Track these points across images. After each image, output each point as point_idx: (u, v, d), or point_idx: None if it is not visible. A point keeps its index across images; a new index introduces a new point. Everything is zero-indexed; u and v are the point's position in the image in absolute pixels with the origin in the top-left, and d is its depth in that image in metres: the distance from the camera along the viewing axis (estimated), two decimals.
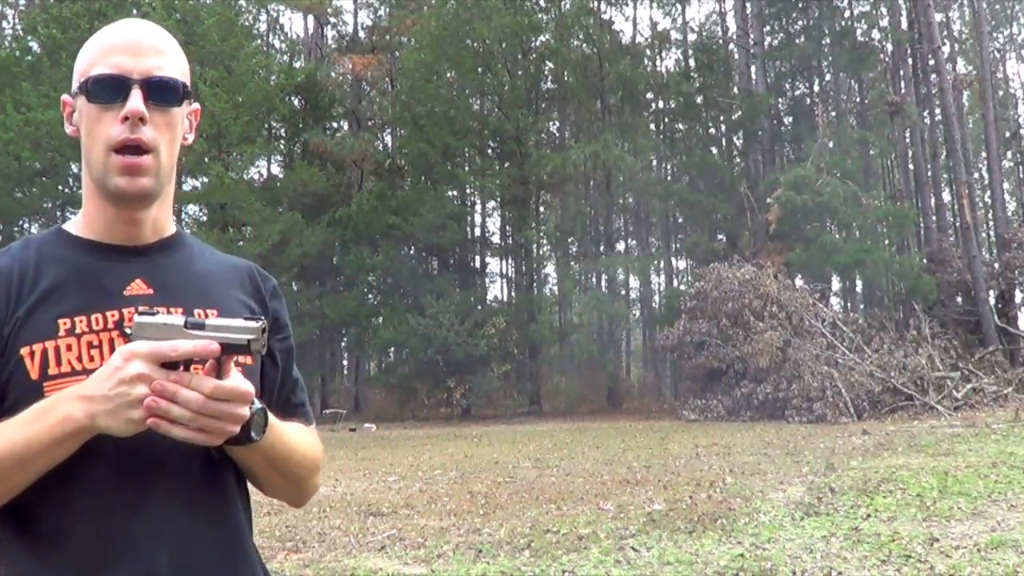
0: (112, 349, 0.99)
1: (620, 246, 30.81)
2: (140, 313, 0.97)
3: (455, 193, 29.25)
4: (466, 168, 28.82)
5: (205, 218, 25.84)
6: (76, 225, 1.13)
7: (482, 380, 23.45)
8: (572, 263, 29.09)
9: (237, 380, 0.95)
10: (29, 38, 24.85)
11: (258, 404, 1.00)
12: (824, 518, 6.20)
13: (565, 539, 5.85)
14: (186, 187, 26.58)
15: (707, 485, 8.04)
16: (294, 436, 1.13)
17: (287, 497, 1.21)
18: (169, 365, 0.92)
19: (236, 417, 0.94)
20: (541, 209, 30.57)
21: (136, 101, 1.02)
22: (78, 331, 1.02)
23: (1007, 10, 35.67)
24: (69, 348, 1.01)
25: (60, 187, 24.55)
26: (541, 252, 29.37)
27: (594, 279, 28.85)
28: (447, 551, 5.63)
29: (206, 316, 1.07)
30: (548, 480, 9.03)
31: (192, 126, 1.15)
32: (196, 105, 1.15)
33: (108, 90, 1.04)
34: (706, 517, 6.39)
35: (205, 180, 24.15)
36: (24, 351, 1.00)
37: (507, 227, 31.41)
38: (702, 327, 19.16)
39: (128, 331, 0.97)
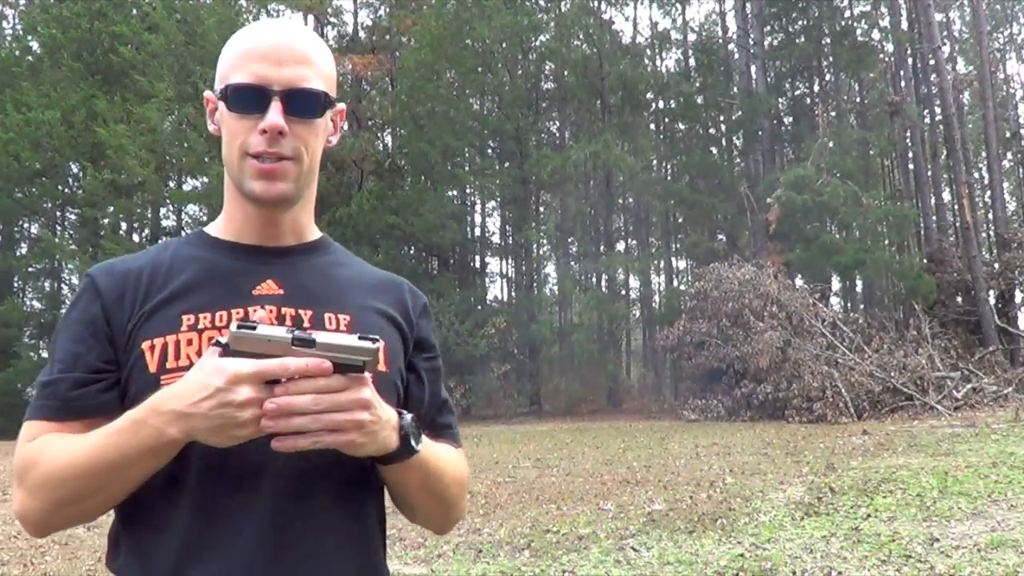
0: None
1: (620, 246, 30.78)
2: (239, 325, 0.87)
3: (455, 193, 29.22)
4: (466, 168, 28.80)
5: (205, 218, 25.81)
6: (216, 226, 1.12)
7: (482, 380, 23.43)
8: (572, 263, 29.06)
9: None
10: (29, 38, 24.87)
11: (408, 414, 0.97)
12: (824, 518, 6.20)
13: (565, 539, 5.85)
14: (186, 187, 26.58)
15: (707, 485, 8.04)
16: (445, 456, 1.10)
17: (435, 522, 1.16)
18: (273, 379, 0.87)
19: (360, 402, 0.88)
20: (541, 209, 30.55)
21: (275, 115, 0.99)
22: (200, 327, 1.00)
23: (1007, 10, 35.63)
24: (189, 343, 0.99)
25: (60, 187, 24.55)
26: (541, 252, 29.38)
27: (594, 279, 28.82)
28: (447, 551, 5.63)
29: (336, 321, 1.04)
30: (548, 480, 9.02)
31: (336, 127, 1.12)
32: (341, 105, 1.12)
33: (247, 101, 1.00)
34: (706, 517, 6.39)
35: (205, 180, 24.14)
36: (145, 345, 0.99)
37: (507, 227, 31.40)
38: (702, 327, 19.14)
39: (222, 340, 0.90)
